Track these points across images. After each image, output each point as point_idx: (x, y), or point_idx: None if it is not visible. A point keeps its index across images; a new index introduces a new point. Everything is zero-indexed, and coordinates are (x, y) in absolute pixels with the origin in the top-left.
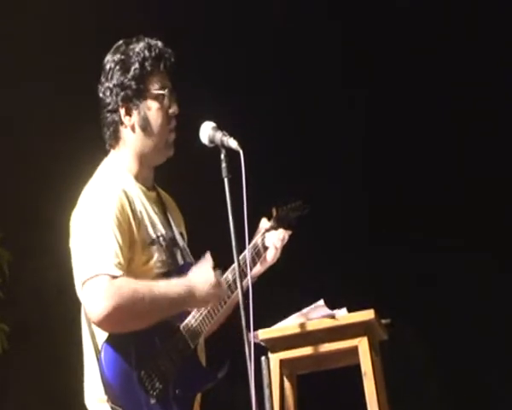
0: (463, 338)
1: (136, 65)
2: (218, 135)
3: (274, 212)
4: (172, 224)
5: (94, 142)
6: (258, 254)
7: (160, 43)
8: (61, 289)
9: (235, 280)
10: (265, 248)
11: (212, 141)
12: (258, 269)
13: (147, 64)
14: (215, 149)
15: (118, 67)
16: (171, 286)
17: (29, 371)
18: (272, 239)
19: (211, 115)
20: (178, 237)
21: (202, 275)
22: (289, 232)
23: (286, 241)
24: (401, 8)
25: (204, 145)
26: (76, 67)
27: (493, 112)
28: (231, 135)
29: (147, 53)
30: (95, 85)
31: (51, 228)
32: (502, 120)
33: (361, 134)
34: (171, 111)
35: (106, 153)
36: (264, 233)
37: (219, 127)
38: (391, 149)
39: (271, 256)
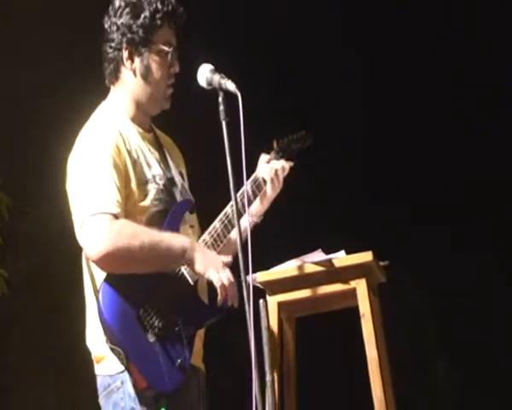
0: (460, 283)
1: (147, 13)
2: (216, 77)
3: (274, 144)
4: (171, 163)
5: (96, 85)
6: (258, 187)
7: None
8: (63, 237)
9: (226, 225)
10: (265, 181)
11: (209, 83)
12: (260, 207)
13: (158, 16)
14: (213, 91)
15: (128, 9)
16: (176, 237)
17: (29, 316)
18: (268, 171)
19: (209, 58)
20: (177, 176)
21: (211, 252)
22: (290, 164)
23: (287, 172)
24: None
25: (202, 87)
26: None
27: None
28: (229, 77)
29: (159, 5)
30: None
31: (53, 175)
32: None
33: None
34: (172, 69)
35: (105, 96)
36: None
37: (217, 70)
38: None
39: (271, 189)
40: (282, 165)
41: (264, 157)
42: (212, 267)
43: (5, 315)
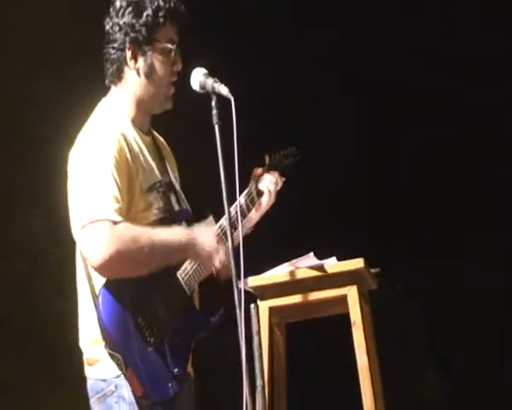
0: (451, 291)
1: (149, 11)
2: (210, 81)
3: (267, 159)
4: (168, 168)
5: (91, 82)
6: (252, 201)
7: None
8: (50, 240)
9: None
10: (259, 195)
11: (203, 87)
12: (254, 216)
13: (160, 14)
14: (206, 95)
15: (130, 8)
16: (174, 233)
17: (16, 319)
18: (266, 183)
19: (202, 62)
20: (174, 182)
21: (205, 234)
22: (283, 179)
23: (280, 186)
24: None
25: (194, 91)
26: None
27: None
28: (222, 82)
29: (161, 3)
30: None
31: (41, 179)
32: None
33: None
34: (175, 67)
35: (102, 92)
36: (257, 180)
37: (211, 74)
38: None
39: (266, 201)
40: (276, 179)
41: (257, 171)
42: (213, 253)
43: None
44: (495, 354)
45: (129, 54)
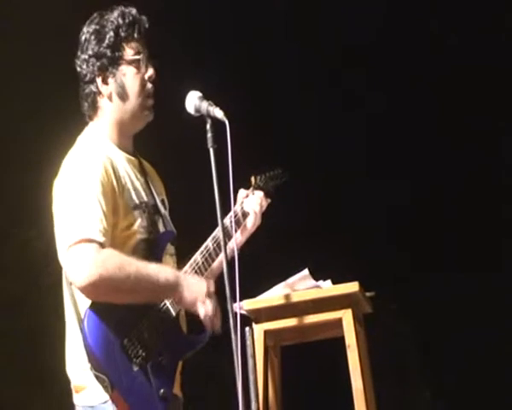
0: (446, 316)
1: (111, 33)
2: (204, 105)
3: (252, 180)
4: (153, 191)
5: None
6: (237, 223)
7: (134, 10)
8: (48, 259)
9: (214, 249)
10: (245, 216)
11: (197, 110)
12: (240, 239)
13: (121, 31)
14: (200, 118)
15: (93, 38)
16: (161, 270)
17: (12, 338)
18: (251, 205)
19: (196, 84)
20: (160, 204)
21: (194, 280)
22: (268, 200)
23: (264, 207)
24: None
25: (189, 114)
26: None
27: None
28: (217, 105)
29: (120, 20)
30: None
31: (39, 197)
32: None
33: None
34: (147, 75)
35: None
36: (242, 201)
37: (205, 97)
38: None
39: (251, 222)
40: (262, 201)
41: (242, 192)
42: (198, 300)
43: None
44: (491, 371)
45: (99, 81)
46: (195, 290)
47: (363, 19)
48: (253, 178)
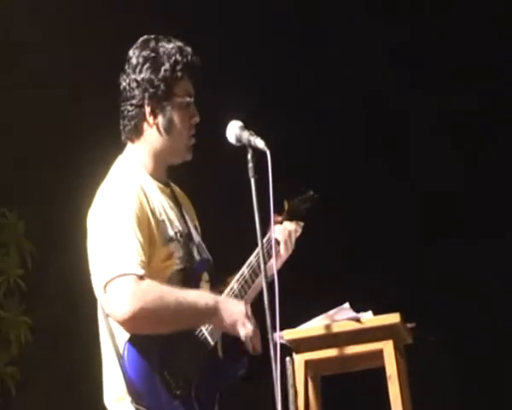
0: (488, 345)
1: (167, 66)
2: (245, 134)
3: (285, 205)
4: (187, 219)
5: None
6: (271, 249)
7: (190, 49)
8: (87, 286)
9: (251, 275)
10: (278, 243)
11: (239, 140)
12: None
13: (178, 68)
14: (238, 148)
15: (148, 64)
16: (201, 296)
17: (52, 365)
18: (283, 233)
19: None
20: (194, 232)
21: (234, 303)
22: (301, 224)
23: (299, 232)
24: None
25: (230, 144)
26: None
27: None
28: (258, 135)
29: (178, 57)
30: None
31: (78, 224)
32: None
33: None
34: (193, 120)
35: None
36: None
37: (246, 127)
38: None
39: (284, 250)
40: (295, 227)
41: (276, 218)
42: (238, 322)
43: (28, 363)
44: None
45: (148, 110)
46: (235, 313)
47: None
48: (285, 203)
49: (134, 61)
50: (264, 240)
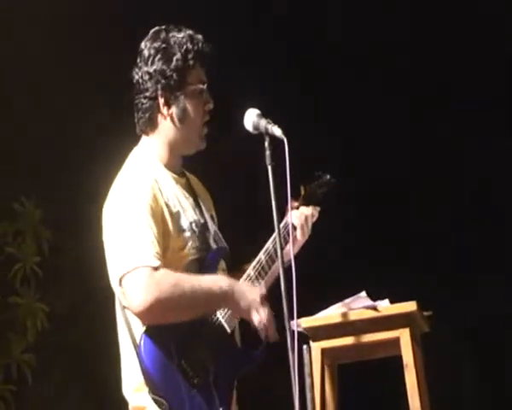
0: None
1: (179, 55)
2: (263, 122)
3: (302, 190)
4: (203, 208)
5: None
6: (288, 234)
7: (201, 37)
8: (103, 272)
9: (267, 261)
10: (295, 228)
11: (256, 128)
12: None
13: (189, 57)
14: (257, 136)
15: (159, 55)
16: (215, 280)
17: (70, 350)
18: (300, 218)
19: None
20: (209, 221)
21: (248, 287)
22: (318, 209)
23: (316, 217)
24: None
25: (248, 132)
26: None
27: None
28: (275, 123)
29: (189, 45)
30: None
31: (94, 210)
32: None
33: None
34: (207, 106)
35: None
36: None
37: (263, 115)
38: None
39: (300, 235)
40: (312, 212)
41: (292, 203)
42: (252, 307)
43: (46, 350)
44: None
45: (162, 101)
46: (250, 297)
47: None
48: (302, 188)
49: (146, 53)
50: (281, 225)
